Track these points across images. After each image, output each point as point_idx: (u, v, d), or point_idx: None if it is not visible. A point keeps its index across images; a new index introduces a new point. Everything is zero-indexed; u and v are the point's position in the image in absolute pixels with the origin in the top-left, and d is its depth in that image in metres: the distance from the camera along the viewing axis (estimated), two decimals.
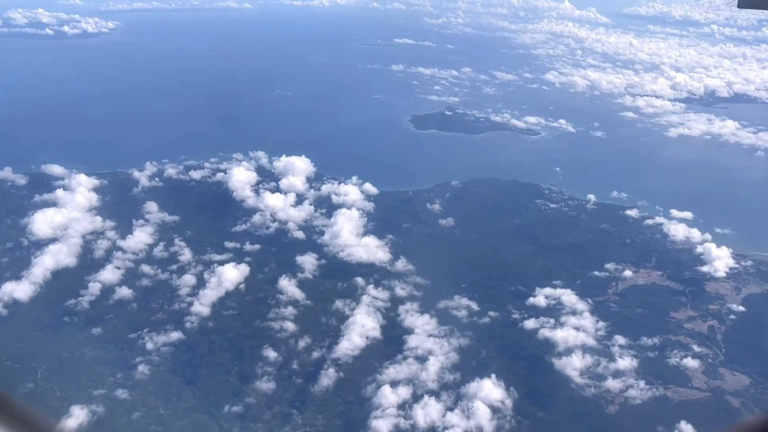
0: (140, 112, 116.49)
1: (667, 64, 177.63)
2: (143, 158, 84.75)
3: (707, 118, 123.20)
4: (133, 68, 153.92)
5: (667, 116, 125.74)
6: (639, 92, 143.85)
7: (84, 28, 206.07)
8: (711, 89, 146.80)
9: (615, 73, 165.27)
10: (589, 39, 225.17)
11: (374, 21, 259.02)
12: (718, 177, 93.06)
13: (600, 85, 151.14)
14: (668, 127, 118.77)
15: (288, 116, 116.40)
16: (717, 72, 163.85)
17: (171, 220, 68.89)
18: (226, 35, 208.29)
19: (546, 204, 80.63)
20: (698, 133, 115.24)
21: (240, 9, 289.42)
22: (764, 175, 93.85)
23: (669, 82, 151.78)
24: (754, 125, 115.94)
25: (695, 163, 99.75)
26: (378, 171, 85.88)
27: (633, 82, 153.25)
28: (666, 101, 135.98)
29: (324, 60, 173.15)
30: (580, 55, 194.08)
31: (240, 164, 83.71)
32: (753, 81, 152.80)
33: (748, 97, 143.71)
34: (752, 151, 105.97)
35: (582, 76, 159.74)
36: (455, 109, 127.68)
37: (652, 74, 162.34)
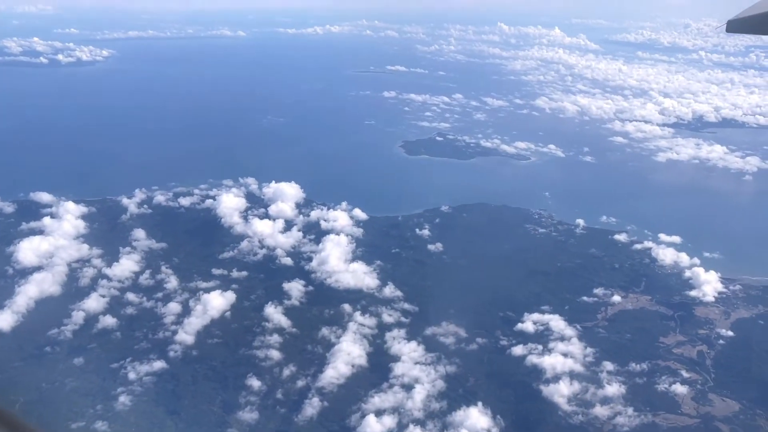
0: (132, 139, 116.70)
1: (656, 89, 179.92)
2: (133, 185, 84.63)
3: (695, 142, 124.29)
4: (126, 96, 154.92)
5: (655, 141, 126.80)
6: (628, 117, 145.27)
7: (78, 56, 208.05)
8: (699, 114, 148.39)
9: (604, 98, 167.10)
10: (579, 65, 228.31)
11: (367, 48, 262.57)
12: (706, 201, 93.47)
13: (589, 111, 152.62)
14: (657, 152, 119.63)
15: (279, 142, 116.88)
16: (705, 97, 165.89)
17: (158, 247, 68.47)
18: (220, 63, 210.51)
19: (535, 229, 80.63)
20: (686, 158, 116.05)
21: (234, 37, 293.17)
22: (752, 200, 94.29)
23: (657, 107, 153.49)
24: (742, 150, 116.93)
25: (684, 187, 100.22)
26: (368, 196, 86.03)
27: (622, 108, 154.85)
28: (655, 126, 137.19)
29: (317, 87, 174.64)
30: (570, 81, 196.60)
31: (230, 190, 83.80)
32: (741, 106, 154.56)
33: (735, 122, 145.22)
34: (740, 175, 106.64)
35: (572, 101, 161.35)
36: (446, 134, 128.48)
37: (641, 100, 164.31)
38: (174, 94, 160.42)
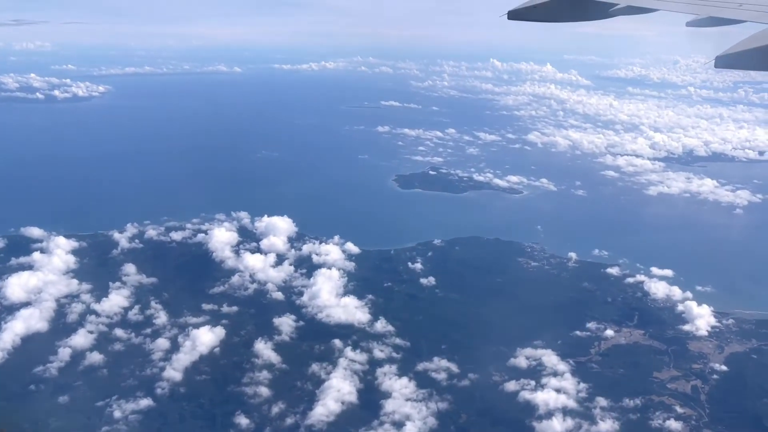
0: (125, 173, 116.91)
1: (647, 124, 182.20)
2: (125, 220, 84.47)
3: (686, 176, 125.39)
4: (120, 130, 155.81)
5: (647, 175, 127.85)
6: (619, 152, 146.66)
7: (74, 92, 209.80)
8: (689, 148, 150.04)
9: (596, 133, 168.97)
10: (570, 100, 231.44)
11: (361, 84, 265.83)
12: (697, 234, 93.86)
13: (581, 145, 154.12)
14: (648, 186, 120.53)
15: (273, 177, 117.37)
16: (695, 132, 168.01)
17: (149, 282, 68.07)
18: (216, 98, 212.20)
19: (528, 262, 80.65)
20: (677, 191, 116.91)
21: (230, 73, 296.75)
22: (743, 233, 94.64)
23: (648, 141, 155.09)
24: (732, 183, 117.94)
25: (675, 220, 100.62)
26: (361, 230, 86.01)
27: (613, 142, 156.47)
28: (646, 160, 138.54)
29: (311, 122, 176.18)
30: (561, 116, 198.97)
31: (222, 225, 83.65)
32: (730, 140, 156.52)
33: (725, 156, 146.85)
34: (731, 208, 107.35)
35: (564, 136, 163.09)
36: (439, 168, 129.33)
37: (631, 134, 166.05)
38: (168, 129, 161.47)
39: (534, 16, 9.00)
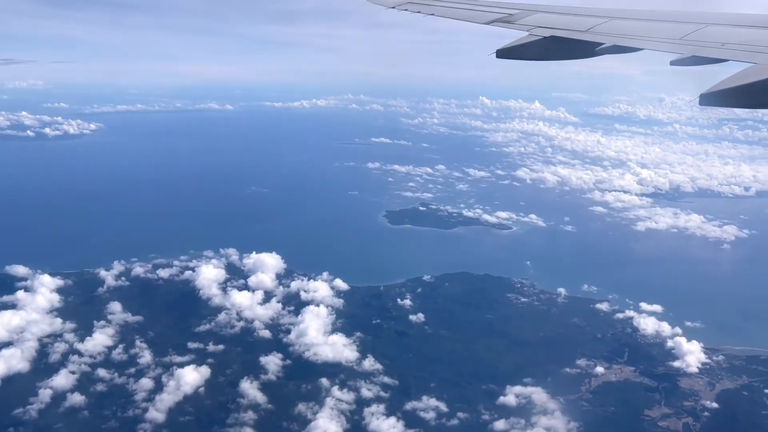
0: (113, 210, 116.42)
1: (634, 160, 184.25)
2: (112, 257, 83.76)
3: (673, 212, 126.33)
4: (110, 167, 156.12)
5: (634, 210, 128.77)
6: (607, 187, 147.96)
7: (66, 129, 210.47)
8: (676, 184, 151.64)
9: (584, 169, 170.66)
10: (558, 137, 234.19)
11: (352, 121, 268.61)
12: (685, 269, 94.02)
13: (570, 181, 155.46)
14: (636, 221, 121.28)
15: (262, 213, 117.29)
16: (681, 168, 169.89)
17: (134, 320, 67.12)
18: (206, 136, 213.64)
19: (518, 298, 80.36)
20: (665, 227, 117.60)
21: (221, 110, 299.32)
22: (731, 268, 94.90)
23: (636, 177, 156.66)
24: (719, 219, 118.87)
25: (663, 256, 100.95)
26: (350, 266, 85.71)
27: (601, 178, 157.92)
28: (633, 196, 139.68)
29: (302, 158, 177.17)
30: (550, 153, 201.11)
31: (209, 262, 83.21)
32: (716, 176, 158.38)
33: (711, 191, 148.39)
34: (718, 244, 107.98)
35: (552, 172, 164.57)
36: (429, 204, 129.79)
37: (619, 170, 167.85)
38: (158, 166, 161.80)
39: (522, 54, 9.17)
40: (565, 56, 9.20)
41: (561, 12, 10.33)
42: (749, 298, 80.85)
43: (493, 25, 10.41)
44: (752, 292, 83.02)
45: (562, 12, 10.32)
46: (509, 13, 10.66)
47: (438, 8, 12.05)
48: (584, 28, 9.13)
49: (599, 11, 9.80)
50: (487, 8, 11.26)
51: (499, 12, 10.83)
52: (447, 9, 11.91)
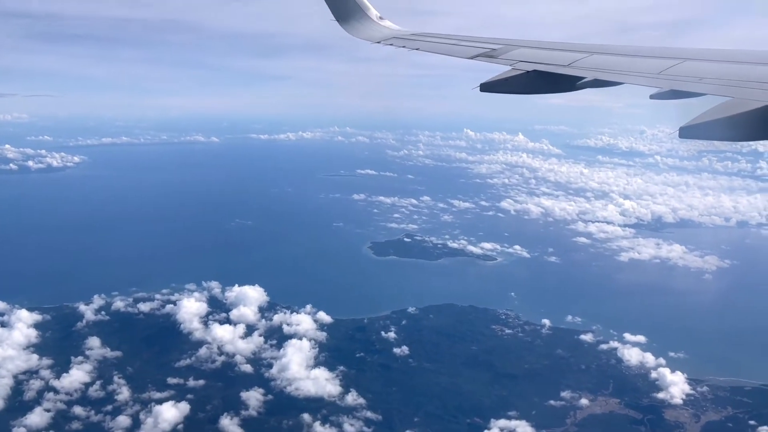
0: (94, 243, 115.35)
1: (616, 191, 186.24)
2: (92, 291, 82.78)
3: (656, 242, 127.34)
4: (93, 200, 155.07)
5: (617, 241, 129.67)
6: (590, 218, 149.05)
7: (49, 162, 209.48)
8: (658, 215, 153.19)
9: (567, 200, 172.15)
10: (542, 169, 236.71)
11: (338, 153, 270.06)
12: (668, 300, 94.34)
13: (553, 212, 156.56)
14: (619, 252, 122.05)
15: (246, 245, 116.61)
16: (662, 199, 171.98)
17: (113, 356, 65.87)
18: (191, 168, 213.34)
19: (502, 329, 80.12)
20: (648, 257, 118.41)
21: (207, 143, 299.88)
22: (713, 298, 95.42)
23: (618, 208, 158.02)
24: (700, 249, 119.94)
25: (646, 286, 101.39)
26: (334, 298, 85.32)
27: (585, 209, 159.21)
28: (616, 227, 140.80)
29: (287, 190, 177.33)
30: (534, 184, 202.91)
31: (191, 295, 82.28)
32: (696, 207, 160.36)
33: (692, 222, 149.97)
34: (700, 274, 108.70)
35: (536, 203, 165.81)
36: (414, 235, 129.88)
37: (602, 201, 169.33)
38: (142, 198, 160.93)
39: (505, 88, 9.28)
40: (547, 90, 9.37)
41: (543, 47, 10.52)
42: (732, 328, 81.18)
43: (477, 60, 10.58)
44: (734, 323, 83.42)
45: (543, 47, 10.52)
46: (492, 48, 10.83)
47: (422, 43, 12.27)
48: (566, 62, 9.28)
49: (580, 46, 9.99)
50: (471, 43, 11.43)
51: (482, 47, 11.00)
52: (431, 44, 12.12)
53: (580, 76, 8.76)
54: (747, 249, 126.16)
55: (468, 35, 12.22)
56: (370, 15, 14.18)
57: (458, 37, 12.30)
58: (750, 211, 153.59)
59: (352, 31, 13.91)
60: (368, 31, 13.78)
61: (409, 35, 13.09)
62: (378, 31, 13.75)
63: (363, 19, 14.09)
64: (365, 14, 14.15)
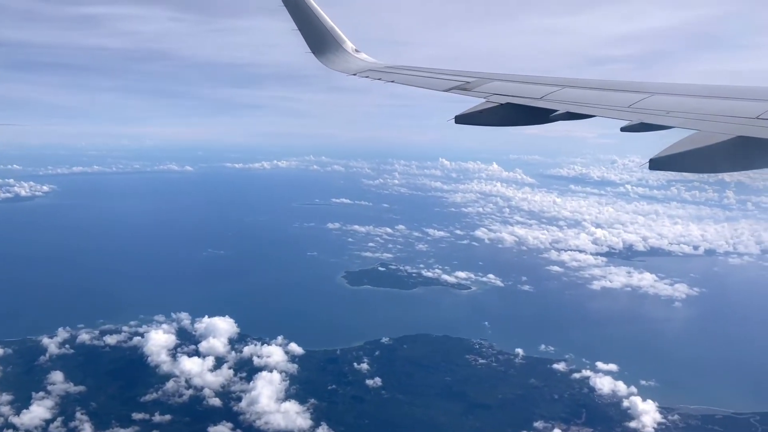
0: (60, 274, 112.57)
1: (588, 220, 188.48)
2: (57, 324, 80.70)
3: (627, 270, 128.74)
4: (60, 230, 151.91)
5: (590, 270, 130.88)
6: (563, 247, 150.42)
7: (17, 191, 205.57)
8: (629, 244, 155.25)
9: (540, 229, 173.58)
10: (516, 198, 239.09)
11: (313, 182, 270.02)
12: (639, 328, 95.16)
13: (527, 241, 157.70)
14: (592, 280, 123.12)
15: (217, 275, 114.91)
16: (633, 227, 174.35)
17: (76, 390, 63.95)
18: (164, 197, 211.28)
19: (476, 359, 79.88)
20: (619, 285, 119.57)
21: (181, 172, 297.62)
22: (682, 326, 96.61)
23: (590, 237, 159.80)
24: (670, 277, 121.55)
25: (618, 314, 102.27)
26: (307, 329, 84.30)
27: (557, 238, 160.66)
28: (588, 255, 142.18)
29: (260, 219, 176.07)
30: (507, 213, 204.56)
31: (160, 327, 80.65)
32: (666, 236, 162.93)
33: (662, 250, 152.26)
34: (670, 302, 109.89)
35: (510, 232, 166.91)
36: (389, 264, 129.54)
37: (575, 230, 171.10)
38: (111, 228, 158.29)
39: (479, 120, 9.45)
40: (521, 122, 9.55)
41: (516, 80, 10.73)
42: (702, 356, 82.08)
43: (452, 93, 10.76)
44: (704, 350, 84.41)
45: (517, 80, 10.72)
46: (467, 81, 11.01)
47: (398, 76, 12.43)
48: (539, 95, 9.50)
49: (552, 80, 10.22)
50: (446, 76, 11.62)
51: (457, 80, 11.19)
52: (407, 77, 12.29)
53: (553, 108, 8.97)
54: (715, 277, 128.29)
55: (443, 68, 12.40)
56: (346, 48, 14.31)
57: (433, 69, 12.48)
58: (717, 239, 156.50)
59: (328, 64, 14.01)
60: (344, 64, 13.90)
61: (384, 68, 13.24)
62: (354, 63, 13.89)
63: (339, 52, 14.22)
64: (341, 47, 14.27)
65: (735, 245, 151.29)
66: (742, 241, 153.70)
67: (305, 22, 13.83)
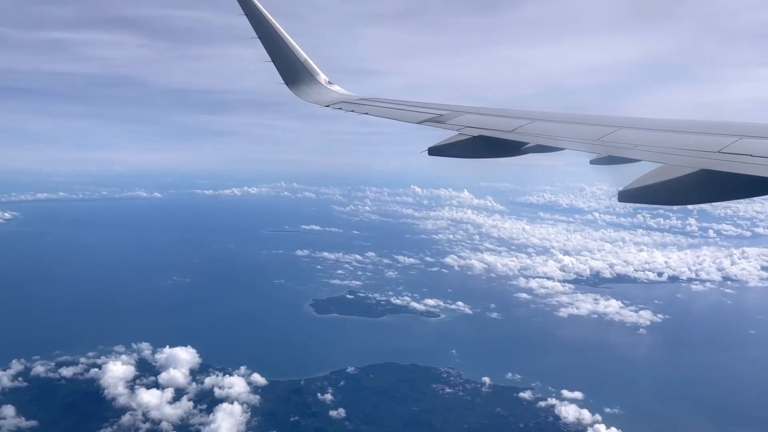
0: (17, 304, 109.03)
1: (557, 247, 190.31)
2: (11, 355, 77.96)
3: (593, 297, 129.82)
4: (20, 259, 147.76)
5: (557, 297, 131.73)
6: (532, 274, 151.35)
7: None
8: (596, 270, 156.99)
9: (509, 256, 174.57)
10: (486, 225, 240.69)
11: (284, 209, 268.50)
12: (605, 355, 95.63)
13: (496, 268, 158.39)
14: (559, 307, 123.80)
15: (181, 304, 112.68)
16: (600, 255, 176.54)
17: (27, 425, 61.77)
18: (130, 224, 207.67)
19: (443, 388, 79.37)
20: (586, 312, 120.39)
21: (149, 198, 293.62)
22: (646, 353, 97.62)
23: (558, 264, 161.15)
24: (635, 304, 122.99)
25: (584, 341, 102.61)
26: (271, 359, 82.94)
27: (526, 265, 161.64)
28: (556, 282, 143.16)
29: (228, 246, 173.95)
30: (477, 240, 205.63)
31: (119, 358, 78.49)
32: (632, 263, 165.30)
33: (628, 277, 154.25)
34: (635, 329, 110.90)
35: (479, 259, 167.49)
36: (357, 292, 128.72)
37: (543, 257, 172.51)
38: (73, 256, 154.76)
39: (452, 152, 9.69)
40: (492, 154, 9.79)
41: (488, 113, 10.96)
42: (665, 382, 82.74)
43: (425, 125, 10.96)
44: (667, 377, 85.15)
45: (488, 113, 10.96)
46: (439, 114, 11.23)
47: (371, 108, 12.55)
48: (510, 128, 9.72)
49: (522, 113, 10.48)
50: (418, 109, 11.82)
51: (429, 112, 11.40)
52: (379, 109, 12.44)
53: (524, 141, 9.21)
54: (678, 303, 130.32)
55: (415, 101, 12.62)
56: (319, 79, 14.48)
57: (406, 102, 12.69)
58: (680, 266, 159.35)
59: (301, 95, 14.17)
60: (317, 95, 14.06)
61: (357, 99, 13.38)
62: (327, 95, 14.04)
63: (312, 84, 14.39)
64: (314, 79, 14.44)
65: (697, 272, 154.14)
66: (704, 267, 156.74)
67: (279, 54, 13.93)
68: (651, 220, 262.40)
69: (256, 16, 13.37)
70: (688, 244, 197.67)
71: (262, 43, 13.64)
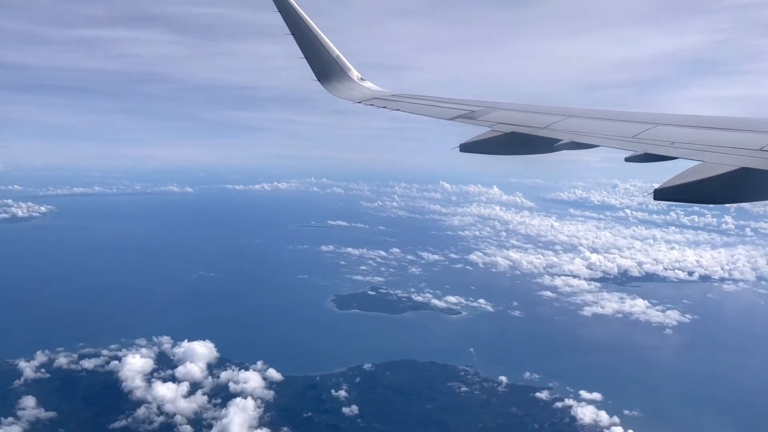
0: (47, 296, 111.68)
1: (585, 245, 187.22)
2: (36, 347, 79.88)
3: (620, 296, 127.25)
4: (53, 251, 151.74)
5: (582, 295, 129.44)
6: (557, 272, 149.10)
7: (14, 212, 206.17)
8: (624, 269, 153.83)
9: (536, 253, 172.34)
10: (513, 221, 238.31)
11: (312, 204, 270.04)
12: (627, 356, 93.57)
13: (521, 265, 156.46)
14: (583, 306, 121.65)
15: (204, 298, 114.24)
16: (629, 253, 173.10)
17: (46, 417, 63.08)
18: (161, 219, 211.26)
19: (459, 387, 78.68)
20: (611, 312, 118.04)
21: (181, 193, 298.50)
22: (671, 354, 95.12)
23: (585, 262, 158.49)
24: (663, 303, 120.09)
25: (607, 342, 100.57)
26: (289, 354, 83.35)
27: (552, 262, 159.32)
28: (582, 281, 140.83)
29: (255, 242, 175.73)
30: (504, 237, 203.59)
31: (139, 350, 79.85)
32: (662, 261, 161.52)
33: (657, 276, 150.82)
34: (661, 329, 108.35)
35: (504, 256, 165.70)
36: (379, 288, 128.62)
37: (570, 255, 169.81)
38: (104, 249, 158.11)
39: (484, 149, 9.64)
40: (525, 151, 9.69)
41: (520, 110, 10.87)
42: (687, 384, 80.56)
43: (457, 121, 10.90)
44: (691, 379, 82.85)
45: (521, 110, 10.87)
46: (471, 110, 11.17)
47: (403, 104, 12.55)
48: (543, 125, 9.61)
49: (556, 109, 10.36)
50: (450, 105, 11.76)
51: (461, 109, 11.35)
52: (412, 105, 12.42)
53: (557, 138, 9.08)
54: (708, 304, 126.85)
55: (447, 97, 12.53)
56: (352, 76, 14.55)
57: (437, 98, 12.63)
58: (713, 265, 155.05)
59: (333, 91, 14.24)
60: (349, 92, 14.14)
61: (389, 96, 13.42)
62: (359, 91, 14.11)
63: (344, 80, 14.46)
64: (346, 75, 14.51)
65: (731, 271, 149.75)
66: (738, 267, 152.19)
67: (312, 50, 13.99)
68: (685, 217, 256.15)
69: (290, 12, 13.40)
70: (722, 242, 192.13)
71: (295, 40, 13.69)
